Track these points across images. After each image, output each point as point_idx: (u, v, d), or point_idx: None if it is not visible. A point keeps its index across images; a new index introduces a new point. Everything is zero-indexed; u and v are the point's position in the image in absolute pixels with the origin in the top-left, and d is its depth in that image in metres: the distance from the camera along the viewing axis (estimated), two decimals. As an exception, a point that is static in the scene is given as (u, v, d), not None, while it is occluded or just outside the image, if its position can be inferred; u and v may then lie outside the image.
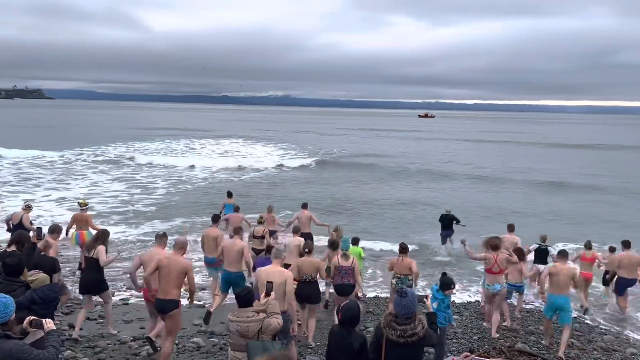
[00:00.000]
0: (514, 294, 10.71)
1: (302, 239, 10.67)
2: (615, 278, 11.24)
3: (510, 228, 12.61)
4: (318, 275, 8.65)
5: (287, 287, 6.83)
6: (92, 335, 8.64)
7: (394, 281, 9.85)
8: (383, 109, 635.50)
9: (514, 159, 46.85)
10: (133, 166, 36.17)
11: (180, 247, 7.31)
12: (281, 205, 21.01)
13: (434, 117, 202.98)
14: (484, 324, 9.91)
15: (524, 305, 11.30)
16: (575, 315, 10.06)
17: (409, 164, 41.42)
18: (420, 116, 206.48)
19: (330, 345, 5.07)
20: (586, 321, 10.72)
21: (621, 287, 11.13)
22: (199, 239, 11.88)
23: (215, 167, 36.60)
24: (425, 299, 5.58)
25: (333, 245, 9.93)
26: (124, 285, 11.90)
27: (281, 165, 38.67)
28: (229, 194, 16.74)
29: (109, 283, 9.19)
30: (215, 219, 11.73)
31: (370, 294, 11.97)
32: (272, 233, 13.12)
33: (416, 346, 4.36)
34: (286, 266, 8.11)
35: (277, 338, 6.27)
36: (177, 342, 8.36)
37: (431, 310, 5.46)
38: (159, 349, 7.76)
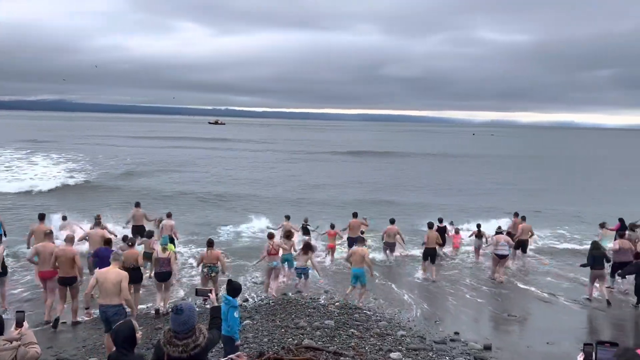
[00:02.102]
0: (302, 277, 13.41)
1: (172, 222, 15.47)
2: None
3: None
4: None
5: (123, 284, 8.41)
6: None
7: (205, 270, 12.00)
8: (171, 114, 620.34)
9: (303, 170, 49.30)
10: None
11: (70, 240, 10.90)
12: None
13: (224, 124, 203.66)
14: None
15: (310, 299, 12.31)
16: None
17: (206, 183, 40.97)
18: (210, 123, 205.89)
19: None
20: (364, 311, 11.81)
21: (349, 244, 15.65)
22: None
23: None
24: (210, 294, 5.63)
25: (149, 234, 13.58)
26: None
27: (63, 185, 32.58)
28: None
29: None
30: (42, 217, 13.78)
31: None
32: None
33: (200, 356, 4.33)
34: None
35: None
36: None
37: (216, 304, 5.45)
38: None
